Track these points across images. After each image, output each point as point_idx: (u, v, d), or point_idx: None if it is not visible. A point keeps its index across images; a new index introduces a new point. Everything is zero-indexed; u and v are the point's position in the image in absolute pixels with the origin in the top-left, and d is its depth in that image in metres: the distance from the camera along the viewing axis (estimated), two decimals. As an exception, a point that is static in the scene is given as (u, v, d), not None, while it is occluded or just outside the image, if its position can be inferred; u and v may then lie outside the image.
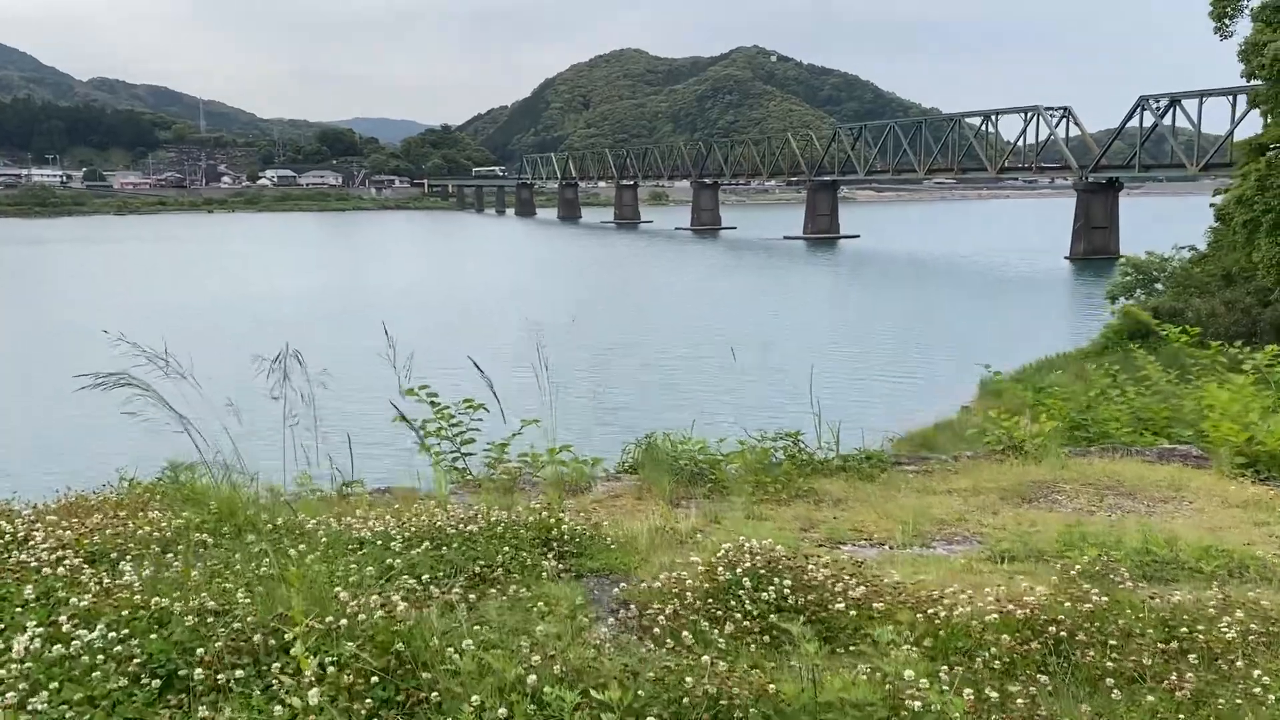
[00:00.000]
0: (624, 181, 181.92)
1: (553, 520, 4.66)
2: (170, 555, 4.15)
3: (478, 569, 4.11)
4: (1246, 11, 30.86)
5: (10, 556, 4.08)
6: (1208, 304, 36.67)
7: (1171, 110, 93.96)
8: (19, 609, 3.52)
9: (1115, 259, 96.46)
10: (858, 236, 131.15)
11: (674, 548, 4.77)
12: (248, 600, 3.43)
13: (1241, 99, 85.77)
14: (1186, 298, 38.36)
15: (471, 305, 63.63)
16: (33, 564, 3.95)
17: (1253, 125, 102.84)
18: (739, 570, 3.97)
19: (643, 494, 5.90)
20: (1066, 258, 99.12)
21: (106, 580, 3.79)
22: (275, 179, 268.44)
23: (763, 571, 3.96)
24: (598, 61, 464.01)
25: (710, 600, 3.88)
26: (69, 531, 4.41)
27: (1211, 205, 48.88)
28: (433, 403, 6.89)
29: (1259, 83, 35.05)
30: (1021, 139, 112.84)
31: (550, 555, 4.42)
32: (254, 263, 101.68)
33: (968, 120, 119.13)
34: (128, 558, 4.11)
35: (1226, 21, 30.91)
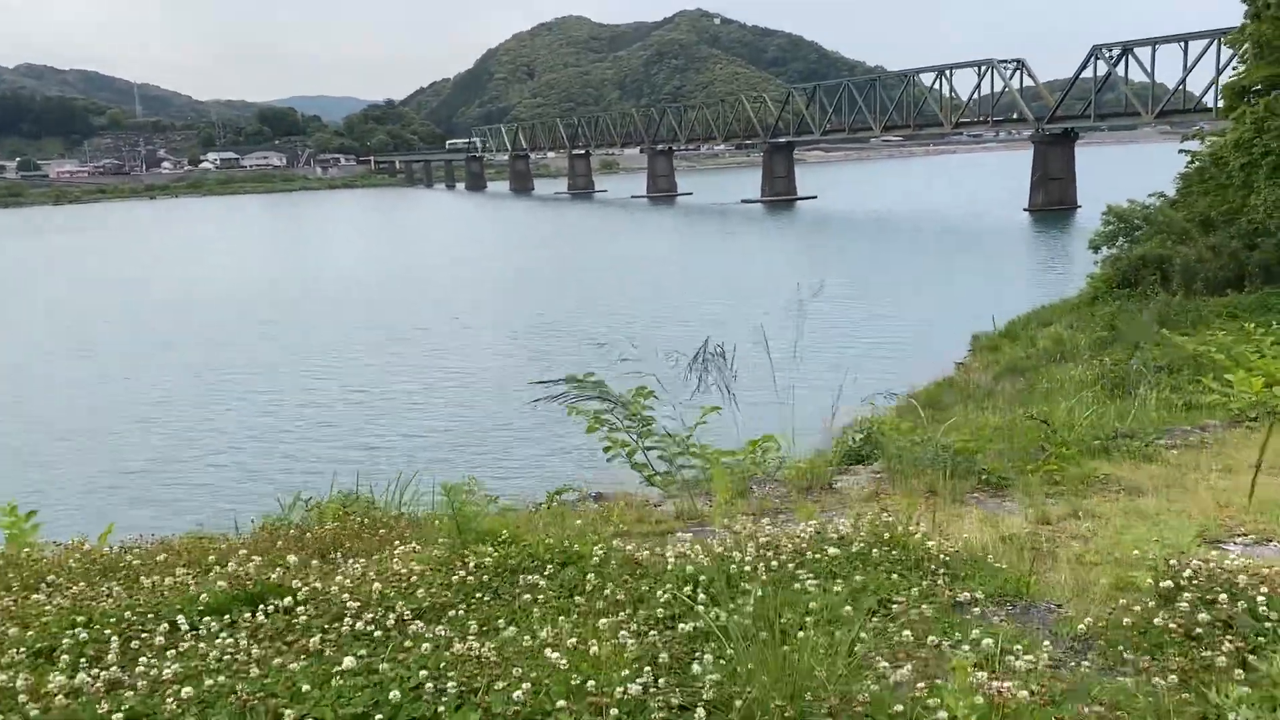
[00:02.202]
0: (576, 151, 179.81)
1: (902, 532, 4.03)
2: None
3: (896, 604, 3.44)
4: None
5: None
6: (1194, 250, 36.65)
7: (1124, 59, 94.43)
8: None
9: (1074, 209, 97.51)
10: (815, 197, 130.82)
11: (1040, 558, 4.16)
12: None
13: (1194, 45, 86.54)
14: (1171, 245, 38.32)
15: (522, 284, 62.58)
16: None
17: (1206, 70, 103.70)
18: (1187, 594, 3.32)
19: (890, 489, 5.28)
20: (1026, 209, 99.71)
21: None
22: (218, 162, 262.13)
23: (1214, 589, 3.34)
24: (540, 30, 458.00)
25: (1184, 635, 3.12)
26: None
27: (1181, 151, 49.06)
28: (602, 395, 6.21)
29: (1235, 25, 34.98)
30: (976, 93, 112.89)
31: (938, 579, 3.77)
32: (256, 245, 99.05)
33: (921, 76, 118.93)
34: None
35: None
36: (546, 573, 3.69)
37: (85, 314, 54.16)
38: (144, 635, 3.29)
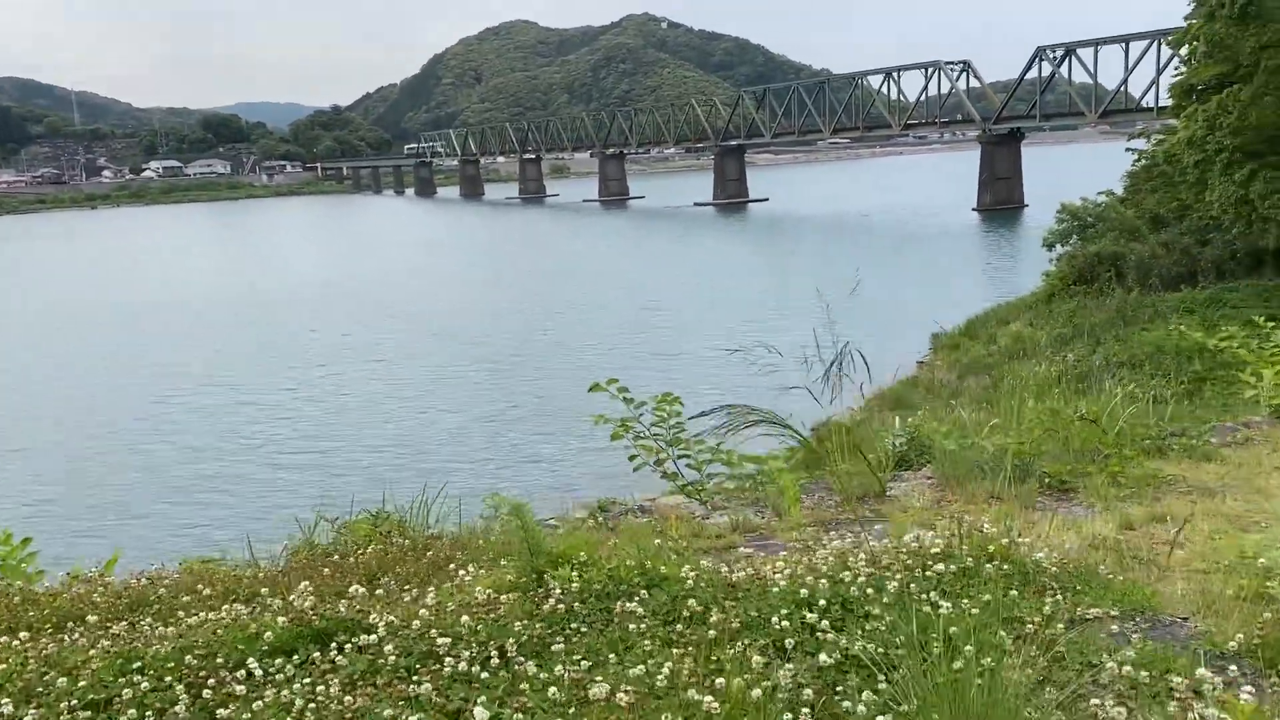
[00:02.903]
0: (526, 155, 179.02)
1: (1007, 544, 3.80)
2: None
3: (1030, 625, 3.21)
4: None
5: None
6: (1147, 246, 37.26)
7: (1068, 60, 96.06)
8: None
9: (1022, 208, 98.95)
10: (768, 199, 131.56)
11: (1142, 566, 3.97)
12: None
13: (1135, 47, 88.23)
14: (1124, 242, 38.92)
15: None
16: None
17: (1147, 71, 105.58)
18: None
19: (951, 495, 5.09)
20: (974, 209, 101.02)
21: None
22: (160, 170, 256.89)
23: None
24: (487, 34, 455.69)
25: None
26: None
27: (1129, 149, 49.97)
28: (626, 399, 5.95)
29: (1180, 24, 35.59)
30: (924, 95, 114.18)
31: (1056, 594, 3.54)
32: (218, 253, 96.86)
33: (869, 78, 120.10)
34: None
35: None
36: (638, 598, 3.41)
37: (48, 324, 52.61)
38: (212, 683, 2.96)
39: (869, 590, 3.33)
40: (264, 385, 34.41)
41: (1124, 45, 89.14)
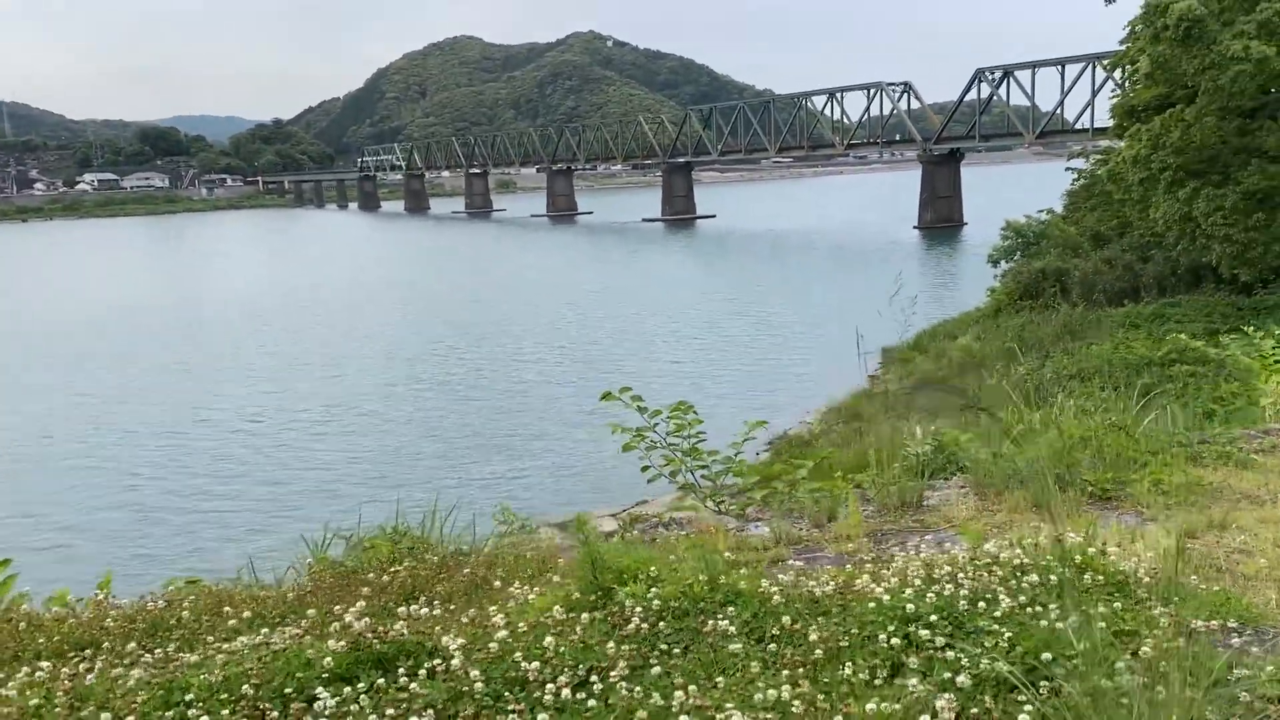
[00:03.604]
0: (473, 170, 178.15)
1: (1094, 554, 3.64)
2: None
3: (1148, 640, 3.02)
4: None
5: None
6: (1090, 262, 38.02)
7: (1006, 81, 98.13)
8: None
9: (961, 226, 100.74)
10: (714, 216, 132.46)
11: (1224, 576, 3.83)
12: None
13: (1070, 69, 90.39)
14: (1068, 258, 39.68)
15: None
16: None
17: (1081, 93, 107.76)
18: None
19: (993, 504, 4.94)
20: (916, 227, 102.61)
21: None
22: (96, 183, 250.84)
23: None
24: (432, 50, 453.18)
25: None
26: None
27: (1069, 169, 51.15)
28: (640, 408, 5.74)
29: (1119, 47, 36.53)
30: (866, 115, 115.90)
31: (1152, 606, 3.36)
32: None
33: (813, 99, 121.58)
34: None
35: (1112, -13, 31.86)
36: (724, 616, 3.19)
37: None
38: (274, 716, 2.66)
39: (981, 604, 3.15)
40: (201, 405, 33.47)
41: (1060, 68, 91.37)
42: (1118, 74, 45.16)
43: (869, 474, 5.32)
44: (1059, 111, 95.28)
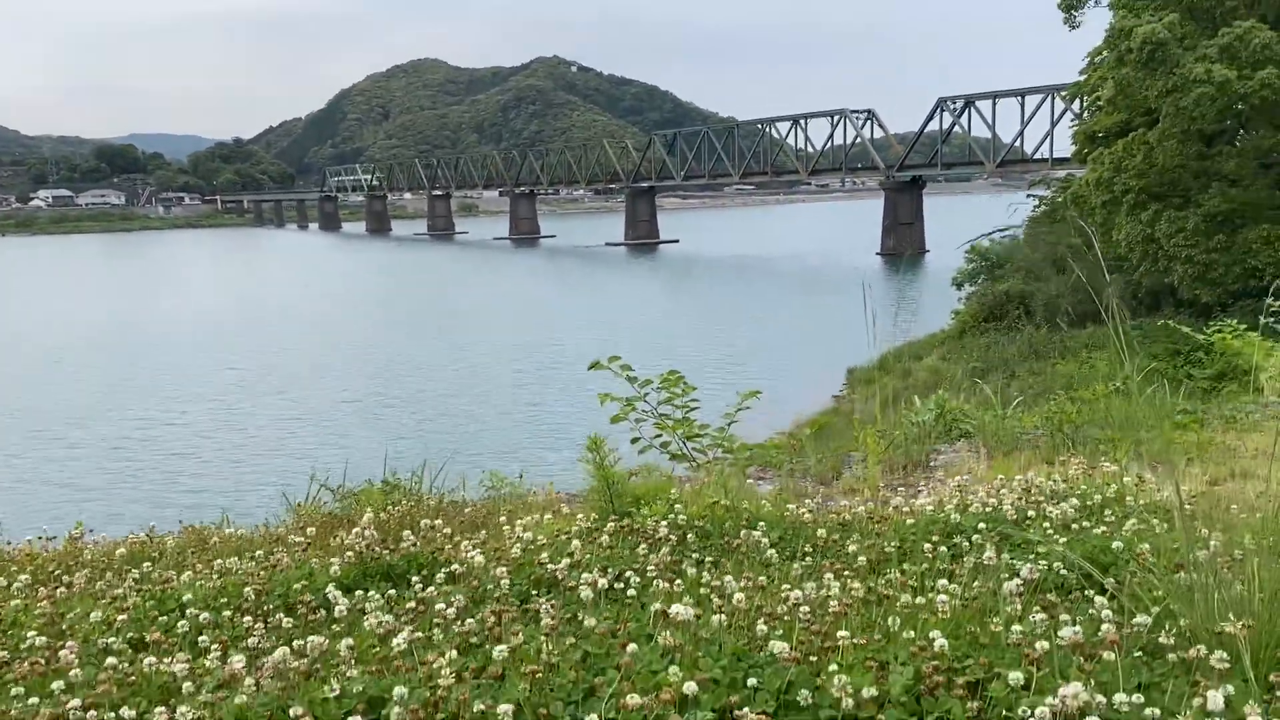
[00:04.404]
0: (436, 192, 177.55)
1: (1130, 484, 3.51)
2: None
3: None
4: (1095, 3, 32.59)
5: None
6: (1054, 286, 38.53)
7: (967, 111, 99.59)
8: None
9: (924, 253, 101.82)
10: (678, 241, 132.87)
11: (1251, 512, 3.71)
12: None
13: (1031, 99, 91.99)
14: (1031, 281, 40.20)
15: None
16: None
17: (1040, 124, 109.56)
18: None
19: (1002, 461, 4.83)
20: (878, 253, 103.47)
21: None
22: (50, 200, 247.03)
23: None
24: (395, 72, 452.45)
25: None
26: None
27: (1030, 196, 51.97)
28: (630, 377, 5.55)
29: (1079, 77, 37.28)
30: (829, 142, 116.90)
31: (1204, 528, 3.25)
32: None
33: (777, 125, 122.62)
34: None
35: (1074, 13, 32.49)
36: (756, 529, 3.01)
37: None
38: (281, 616, 2.42)
39: (1029, 515, 3.01)
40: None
41: (1020, 98, 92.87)
42: (1077, 104, 46.14)
43: (871, 432, 5.19)
44: (1018, 143, 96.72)
